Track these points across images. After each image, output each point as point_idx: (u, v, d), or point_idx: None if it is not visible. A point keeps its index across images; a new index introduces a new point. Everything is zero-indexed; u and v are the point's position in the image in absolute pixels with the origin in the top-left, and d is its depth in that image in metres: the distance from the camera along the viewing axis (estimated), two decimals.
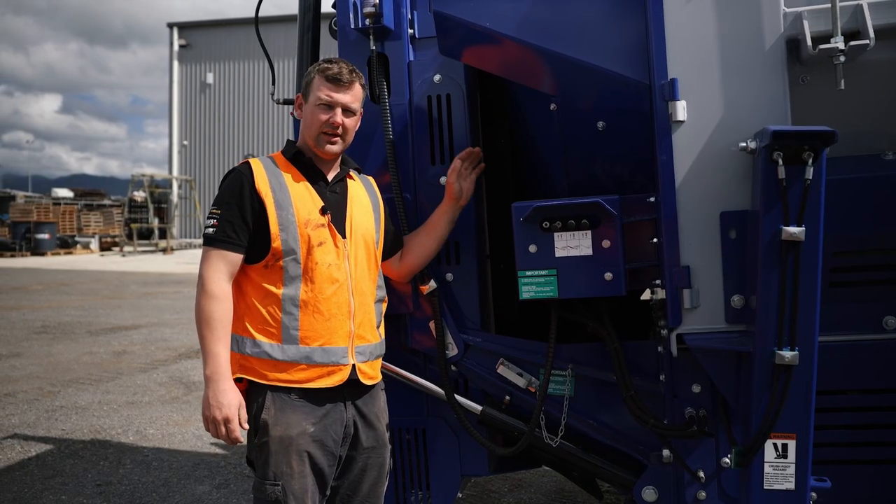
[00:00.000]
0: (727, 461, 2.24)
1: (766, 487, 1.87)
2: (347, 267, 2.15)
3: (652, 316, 2.34)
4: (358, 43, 2.59)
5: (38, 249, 26.51)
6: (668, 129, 1.96)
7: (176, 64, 36.84)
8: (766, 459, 1.87)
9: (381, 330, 2.29)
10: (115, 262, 23.93)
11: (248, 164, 2.15)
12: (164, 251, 28.31)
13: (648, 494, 2.36)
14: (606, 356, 2.37)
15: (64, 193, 40.61)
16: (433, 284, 2.50)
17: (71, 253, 28.05)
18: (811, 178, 1.70)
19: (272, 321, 2.08)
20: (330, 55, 2.40)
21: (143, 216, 31.77)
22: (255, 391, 2.10)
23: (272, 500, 2.04)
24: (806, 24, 1.88)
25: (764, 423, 1.83)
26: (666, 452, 2.28)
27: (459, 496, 2.71)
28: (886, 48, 1.90)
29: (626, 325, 2.54)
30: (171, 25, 37.35)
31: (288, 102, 3.00)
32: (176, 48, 36.78)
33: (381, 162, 2.58)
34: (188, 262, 22.99)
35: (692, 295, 1.96)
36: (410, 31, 2.63)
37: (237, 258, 2.08)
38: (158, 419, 5.58)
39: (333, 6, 2.67)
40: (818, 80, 1.97)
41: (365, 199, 2.31)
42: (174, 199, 35.35)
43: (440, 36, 2.33)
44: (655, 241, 2.13)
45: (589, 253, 2.20)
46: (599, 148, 2.35)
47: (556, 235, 2.22)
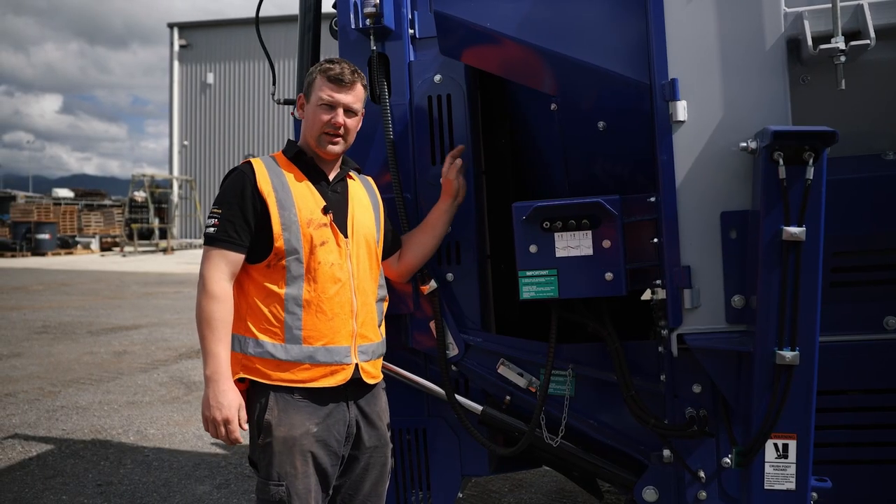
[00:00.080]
0: (728, 461, 2.24)
1: (766, 487, 1.87)
2: (350, 266, 2.15)
3: (652, 316, 2.34)
4: (358, 43, 2.59)
5: (38, 249, 26.53)
6: (668, 129, 1.96)
7: (176, 64, 36.85)
8: (766, 459, 1.87)
9: (382, 329, 2.30)
10: (115, 262, 23.94)
11: (249, 163, 2.15)
12: (164, 251, 28.32)
13: (649, 494, 2.36)
14: (607, 356, 2.37)
15: (64, 193, 40.63)
16: (434, 284, 2.50)
17: (71, 253, 28.06)
18: (812, 178, 1.70)
19: (275, 321, 2.07)
20: (330, 55, 2.40)
21: (143, 216, 31.80)
22: (257, 392, 2.09)
23: (276, 500, 2.04)
24: (806, 24, 1.88)
25: (765, 423, 1.83)
26: (666, 452, 2.28)
27: (460, 496, 2.71)
28: (887, 48, 1.90)
29: (626, 325, 2.54)
30: (171, 25, 37.36)
31: (289, 102, 3.00)
32: (176, 48, 36.79)
33: (381, 162, 2.58)
34: (189, 262, 22.99)
35: (693, 295, 1.96)
36: (411, 31, 2.63)
37: (238, 258, 2.07)
38: (159, 419, 5.58)
39: (334, 6, 2.68)
40: (819, 80, 1.97)
41: (365, 199, 2.31)
42: (174, 199, 35.36)
43: (441, 36, 2.33)
44: (656, 241, 2.13)
45: (589, 253, 2.20)
46: (600, 148, 2.35)
47: (556, 235, 2.22)
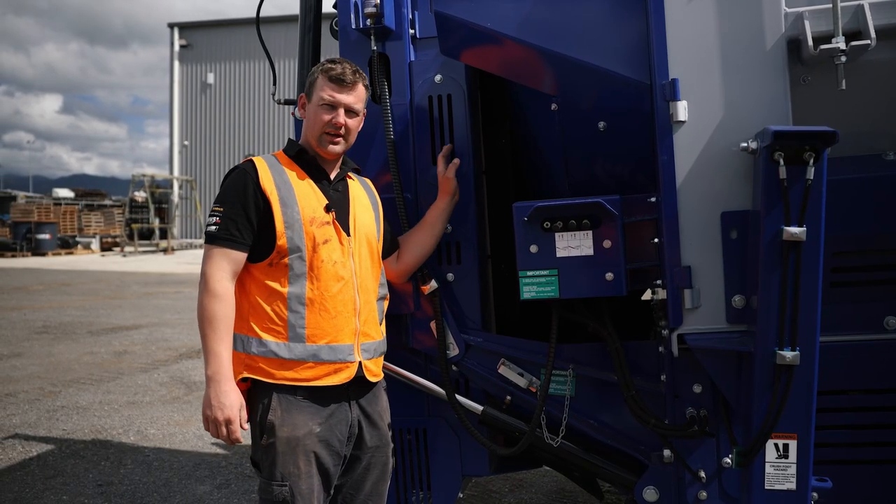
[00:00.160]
0: (728, 461, 2.24)
1: (767, 487, 1.87)
2: (352, 264, 2.15)
3: (653, 316, 2.34)
4: (359, 43, 2.59)
5: (38, 250, 26.54)
6: (668, 129, 1.96)
7: (176, 64, 36.86)
8: (767, 459, 1.87)
9: (383, 327, 2.29)
10: (115, 262, 23.95)
11: (251, 161, 2.14)
12: (164, 251, 28.33)
13: (649, 494, 2.36)
14: (607, 356, 2.37)
15: (65, 194, 40.65)
16: (434, 284, 2.50)
17: (72, 253, 28.07)
18: (812, 178, 1.70)
19: (278, 320, 2.06)
20: (331, 55, 2.40)
21: (143, 216, 31.81)
22: (260, 392, 2.08)
23: (279, 500, 2.03)
24: (807, 24, 1.88)
25: (765, 423, 1.83)
26: (667, 452, 2.28)
27: (460, 496, 2.71)
28: (887, 48, 1.90)
29: (627, 325, 2.54)
30: (171, 26, 37.37)
31: (289, 102, 3.00)
32: (176, 48, 36.80)
33: (382, 162, 2.58)
34: (189, 262, 22.99)
35: (693, 295, 1.96)
36: (411, 31, 2.64)
37: (241, 257, 2.06)
38: (159, 419, 5.58)
39: (334, 6, 2.67)
40: (819, 80, 1.97)
41: (365, 199, 2.32)
42: (175, 199, 35.37)
43: (441, 36, 2.33)
44: (656, 241, 2.13)
45: (590, 253, 2.20)
46: (600, 148, 2.35)
47: (557, 235, 2.22)
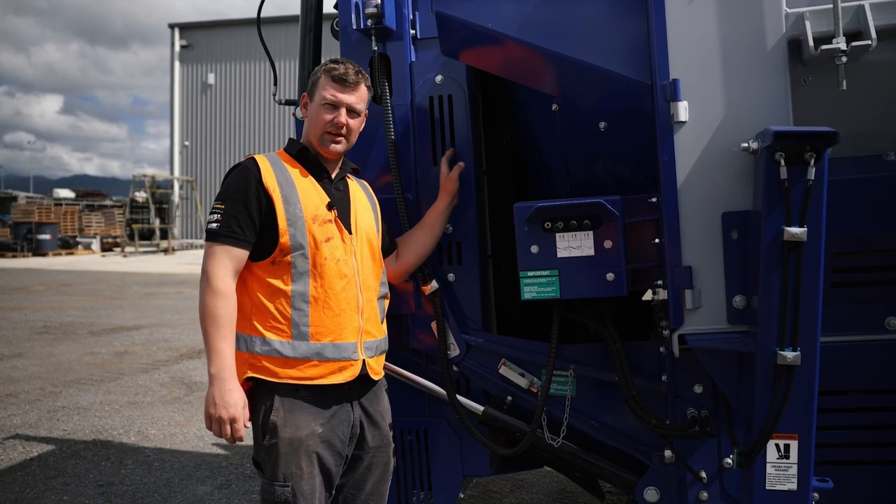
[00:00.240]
0: (729, 461, 2.24)
1: (768, 488, 1.87)
2: (354, 263, 2.15)
3: (654, 316, 2.34)
4: (360, 43, 2.59)
5: (39, 250, 26.55)
6: (669, 129, 1.96)
7: (177, 64, 36.85)
8: (768, 460, 1.87)
9: (384, 326, 2.29)
10: (116, 262, 23.95)
11: (253, 159, 2.13)
12: (165, 252, 28.33)
13: (650, 495, 2.36)
14: (608, 357, 2.37)
15: (65, 194, 40.66)
16: (435, 285, 2.50)
17: (72, 253, 28.08)
18: (813, 178, 1.70)
19: (282, 318, 2.04)
20: (332, 56, 2.40)
21: (144, 217, 31.81)
22: (263, 392, 2.06)
23: (281, 501, 2.02)
24: (808, 24, 1.88)
25: (766, 423, 1.83)
26: (668, 453, 2.28)
27: (461, 496, 2.71)
28: (888, 49, 1.90)
29: (627, 325, 2.54)
30: (172, 26, 37.37)
31: (290, 103, 3.00)
32: (177, 49, 36.80)
33: (382, 162, 2.58)
34: (189, 262, 22.99)
35: (694, 295, 1.97)
36: (412, 31, 2.64)
37: (243, 254, 2.04)
38: (160, 419, 5.58)
39: (335, 7, 2.67)
40: (820, 80, 1.97)
41: (364, 199, 2.32)
42: (175, 199, 35.37)
43: (442, 37, 2.33)
44: (657, 241, 2.13)
45: (591, 253, 2.20)
46: (601, 148, 2.36)
47: (557, 236, 2.22)
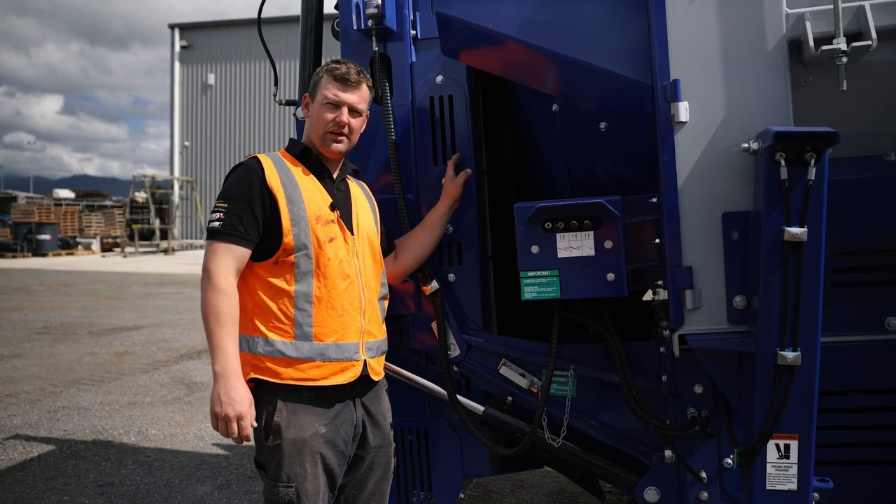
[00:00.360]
0: (729, 462, 2.24)
1: (768, 488, 1.88)
2: (356, 263, 2.15)
3: (654, 317, 2.34)
4: (360, 44, 2.59)
5: (39, 250, 26.55)
6: (670, 129, 1.96)
7: (177, 65, 36.86)
8: (768, 460, 1.87)
9: (384, 326, 2.29)
10: (116, 262, 23.96)
11: (256, 159, 2.12)
12: (165, 252, 28.33)
13: (650, 495, 2.36)
14: (608, 357, 2.37)
15: (65, 194, 40.66)
16: (435, 285, 2.50)
17: (72, 254, 28.08)
18: (813, 178, 1.70)
19: (285, 318, 2.04)
20: (332, 56, 2.41)
21: (144, 217, 31.80)
22: (265, 393, 2.05)
23: (285, 502, 2.02)
24: (808, 25, 1.88)
25: (766, 423, 1.83)
26: (668, 453, 2.28)
27: (461, 497, 2.71)
28: (889, 49, 1.90)
29: (628, 325, 2.54)
30: (172, 26, 37.37)
31: (291, 103, 3.00)
32: (177, 49, 36.80)
33: (383, 162, 2.59)
34: (190, 262, 23.00)
35: (694, 296, 1.97)
36: (413, 32, 2.64)
37: (245, 253, 2.03)
38: (160, 420, 5.59)
39: (336, 7, 2.67)
40: (820, 81, 1.97)
41: (364, 200, 2.32)
42: (175, 199, 35.37)
43: (442, 37, 2.33)
44: (657, 241, 2.13)
45: (591, 254, 2.20)
46: (602, 149, 2.36)
47: (558, 236, 2.22)
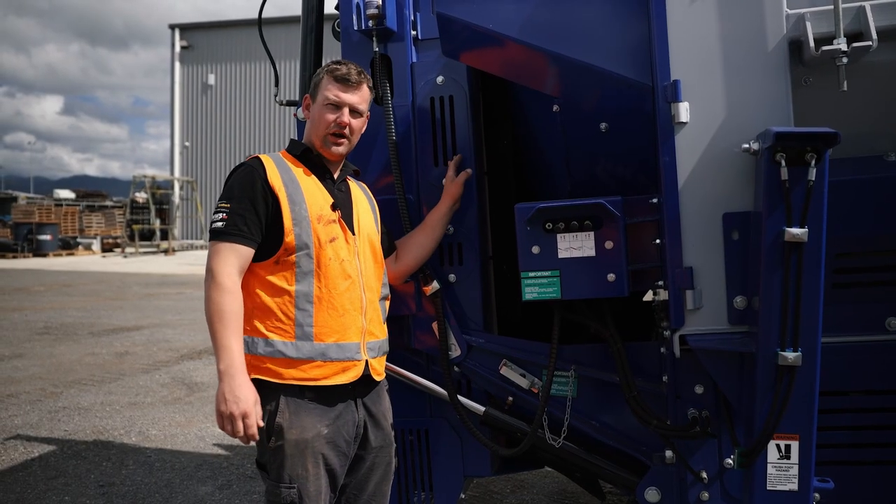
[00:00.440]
0: (730, 462, 2.24)
1: (769, 488, 1.88)
2: (358, 263, 2.15)
3: (655, 317, 2.34)
4: (361, 44, 2.59)
5: (39, 250, 26.57)
6: (670, 130, 1.96)
7: (177, 65, 36.88)
8: (769, 460, 1.87)
9: (385, 327, 2.29)
10: (116, 263, 23.97)
11: (258, 159, 2.13)
12: (165, 252, 28.34)
13: (651, 495, 2.36)
14: (609, 357, 2.37)
15: (66, 195, 40.70)
16: (436, 285, 2.51)
17: (73, 254, 28.10)
18: (814, 179, 1.70)
19: (285, 318, 2.03)
20: (333, 57, 2.41)
21: (144, 217, 31.82)
22: (267, 394, 2.04)
23: (287, 502, 2.01)
24: (809, 25, 1.88)
25: (767, 423, 1.83)
26: (669, 453, 2.28)
27: (462, 497, 2.71)
28: (889, 50, 1.90)
29: (628, 326, 2.54)
30: (172, 27, 37.39)
31: (291, 104, 3.00)
32: (177, 49, 36.82)
33: (383, 163, 2.59)
34: (190, 263, 23.01)
35: (695, 296, 1.97)
36: (413, 32, 2.64)
37: (248, 252, 2.03)
38: (161, 420, 5.59)
39: (336, 8, 2.68)
40: (821, 81, 1.98)
41: (365, 201, 2.32)
42: (176, 200, 35.39)
43: (443, 37, 2.33)
44: (658, 242, 2.13)
45: (592, 254, 2.21)
46: (602, 149, 2.36)
47: (559, 237, 2.22)
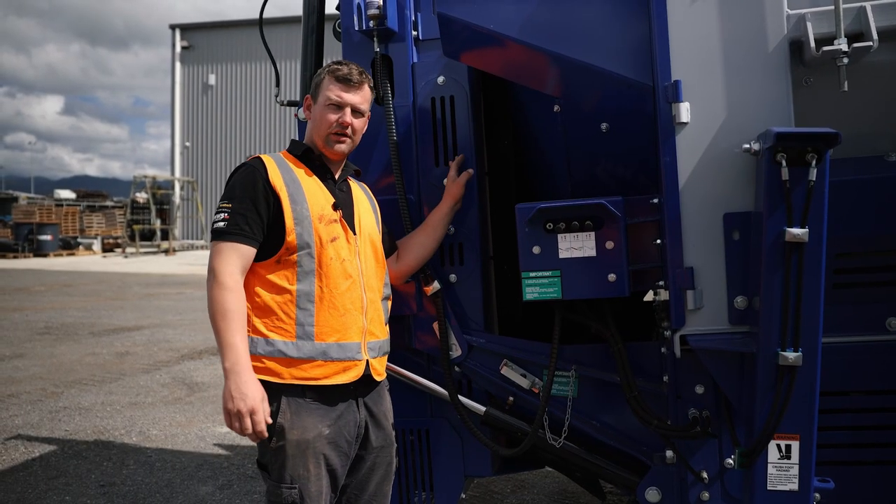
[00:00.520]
0: (730, 462, 2.24)
1: (769, 488, 1.88)
2: (359, 263, 2.15)
3: (655, 317, 2.34)
4: (362, 45, 2.60)
5: (40, 251, 26.59)
6: (671, 130, 1.97)
7: (178, 65, 36.89)
8: (769, 460, 1.87)
9: (387, 327, 2.29)
10: (117, 263, 23.98)
11: (259, 159, 2.13)
12: (166, 252, 28.34)
13: (652, 495, 2.36)
14: (610, 357, 2.37)
15: (66, 195, 40.71)
16: (437, 285, 2.51)
17: (73, 254, 28.12)
18: (814, 179, 1.70)
19: (286, 318, 2.03)
20: (334, 57, 2.41)
21: (145, 217, 31.83)
22: (269, 394, 2.03)
23: (289, 503, 2.02)
24: (809, 25, 1.88)
25: (767, 423, 1.83)
26: (669, 453, 2.28)
27: (463, 497, 2.72)
28: (890, 50, 1.90)
29: (629, 326, 2.54)
30: (173, 27, 37.41)
31: (292, 104, 3.00)
32: (178, 49, 36.84)
33: (384, 163, 2.59)
34: (190, 263, 23.02)
35: (695, 296, 1.97)
36: (414, 32, 2.64)
37: (250, 251, 2.03)
38: (161, 420, 5.59)
39: (337, 8, 2.68)
40: (821, 81, 1.98)
41: (366, 201, 2.33)
42: (176, 200, 35.40)
43: (444, 38, 2.33)
44: (659, 242, 2.13)
45: (592, 254, 2.21)
46: (603, 149, 2.36)
47: (559, 237, 2.22)
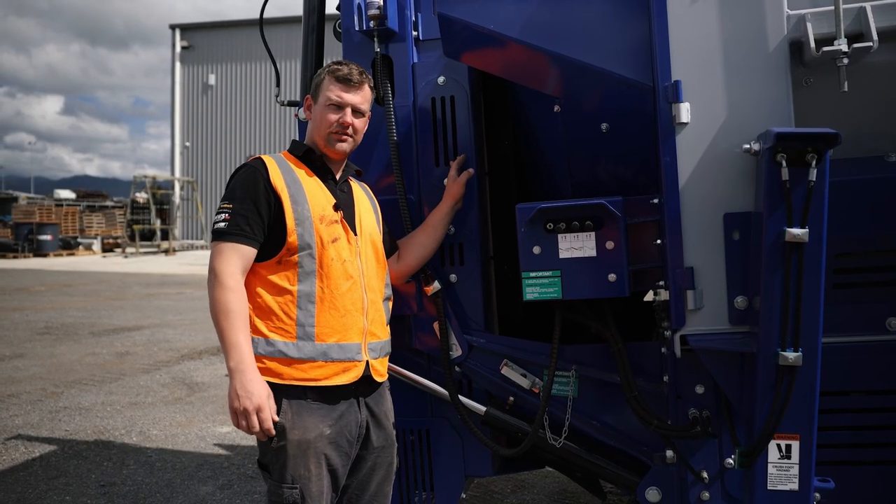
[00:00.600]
0: (731, 462, 2.24)
1: (769, 488, 1.88)
2: (359, 264, 2.16)
3: (655, 317, 2.34)
4: (362, 45, 2.60)
5: (40, 251, 26.59)
6: (671, 130, 1.97)
7: (178, 65, 36.90)
8: (769, 460, 1.87)
9: (388, 328, 2.29)
10: (117, 263, 23.98)
11: (260, 159, 2.13)
12: (166, 252, 28.35)
13: (652, 495, 2.36)
14: (610, 357, 2.37)
15: (66, 195, 40.72)
16: (437, 285, 2.51)
17: (73, 254, 28.13)
18: (814, 179, 1.71)
19: (287, 319, 2.04)
20: (334, 57, 2.41)
21: (145, 217, 31.84)
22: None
23: (290, 503, 2.02)
24: (809, 26, 1.89)
25: (767, 423, 1.83)
26: (669, 453, 2.28)
27: (463, 497, 2.72)
28: (890, 50, 1.90)
29: (629, 326, 2.54)
30: (173, 27, 37.42)
31: (293, 104, 3.00)
32: (178, 49, 36.85)
33: (385, 163, 2.59)
34: (190, 263, 23.02)
35: (696, 296, 1.97)
36: (414, 33, 2.64)
37: (251, 252, 2.03)
38: (162, 420, 5.59)
39: (338, 8, 2.68)
40: (821, 82, 1.98)
41: (367, 201, 2.33)
42: (176, 200, 35.41)
43: (444, 38, 2.34)
44: (659, 242, 2.14)
45: (593, 254, 2.21)
46: (603, 149, 2.36)
47: (560, 237, 2.23)
